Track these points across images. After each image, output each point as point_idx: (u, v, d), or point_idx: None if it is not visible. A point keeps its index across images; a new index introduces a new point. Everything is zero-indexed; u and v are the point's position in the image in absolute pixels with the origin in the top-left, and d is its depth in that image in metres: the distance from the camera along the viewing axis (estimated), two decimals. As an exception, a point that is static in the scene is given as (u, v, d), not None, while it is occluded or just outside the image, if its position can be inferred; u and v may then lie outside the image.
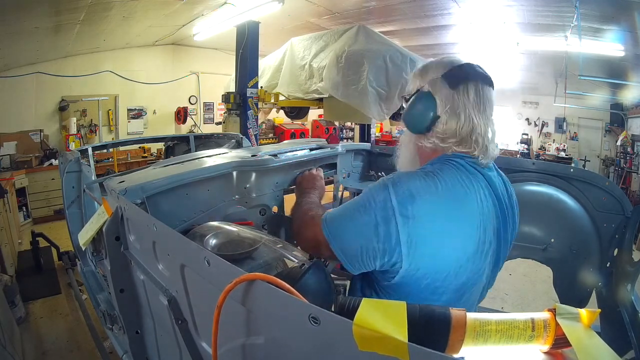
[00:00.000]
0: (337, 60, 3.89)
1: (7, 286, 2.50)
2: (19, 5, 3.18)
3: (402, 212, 0.73)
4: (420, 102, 0.86)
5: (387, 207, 0.75)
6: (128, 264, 1.08)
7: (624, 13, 3.62)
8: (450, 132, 0.83)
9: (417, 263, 0.75)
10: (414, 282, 0.78)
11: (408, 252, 0.74)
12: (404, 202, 0.74)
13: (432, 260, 0.76)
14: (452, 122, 0.82)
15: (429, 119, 0.84)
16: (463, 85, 0.82)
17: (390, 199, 0.75)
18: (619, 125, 7.17)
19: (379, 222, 0.75)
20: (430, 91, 0.85)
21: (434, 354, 0.39)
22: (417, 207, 0.74)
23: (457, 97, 0.82)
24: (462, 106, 0.82)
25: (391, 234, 0.74)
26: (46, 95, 5.49)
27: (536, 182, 1.59)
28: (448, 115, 0.82)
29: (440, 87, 0.84)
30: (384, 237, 0.74)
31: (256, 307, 0.57)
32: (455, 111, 0.82)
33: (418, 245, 0.74)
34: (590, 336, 0.58)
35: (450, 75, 0.83)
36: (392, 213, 0.74)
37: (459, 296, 0.81)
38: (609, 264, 1.41)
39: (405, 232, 0.73)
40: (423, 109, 0.85)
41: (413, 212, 0.73)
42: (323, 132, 8.87)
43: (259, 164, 1.47)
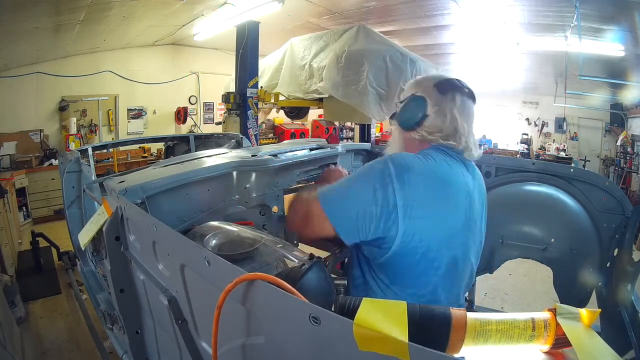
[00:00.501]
0: (337, 60, 3.89)
1: (7, 286, 2.50)
2: (19, 5, 3.18)
3: (399, 179, 0.82)
4: (413, 103, 0.98)
5: (385, 175, 0.83)
6: (128, 264, 1.08)
7: (624, 13, 3.62)
8: (436, 128, 0.95)
9: (412, 228, 0.82)
10: (409, 252, 0.83)
11: (404, 215, 0.81)
12: (400, 170, 0.83)
13: (426, 226, 0.83)
14: (438, 120, 0.95)
15: (419, 117, 0.96)
16: (451, 92, 0.96)
17: (388, 167, 0.84)
18: (619, 125, 7.16)
19: (377, 187, 0.82)
20: (423, 95, 0.97)
21: (435, 354, 0.39)
22: (413, 176, 0.83)
23: (445, 100, 0.95)
24: (449, 108, 0.95)
25: (388, 197, 0.81)
26: (46, 95, 5.49)
27: (536, 182, 1.59)
28: (436, 115, 0.95)
29: (431, 92, 0.97)
30: (381, 201, 0.81)
31: (256, 307, 0.57)
32: (442, 111, 0.95)
33: (413, 209, 0.81)
34: (591, 336, 0.58)
35: (440, 84, 0.97)
36: (389, 180, 0.82)
37: (451, 270, 0.88)
38: (609, 264, 1.41)
39: (401, 196, 0.81)
40: (415, 108, 0.97)
41: (409, 179, 0.83)
42: (323, 132, 8.87)
43: (259, 164, 1.47)
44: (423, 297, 0.86)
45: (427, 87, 0.98)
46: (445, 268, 0.87)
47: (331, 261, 1.23)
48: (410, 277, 0.87)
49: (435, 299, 0.88)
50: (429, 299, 0.87)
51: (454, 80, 0.99)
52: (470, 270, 0.97)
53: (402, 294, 0.87)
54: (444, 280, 0.88)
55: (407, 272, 0.86)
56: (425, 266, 0.85)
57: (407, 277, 0.87)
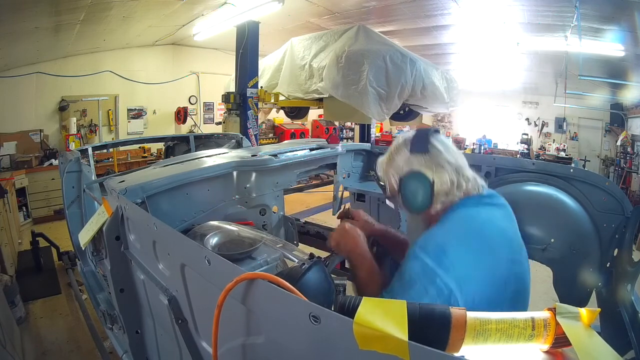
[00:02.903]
0: (337, 60, 3.89)
1: (7, 286, 2.50)
2: (19, 5, 3.18)
3: (440, 266, 0.78)
4: (412, 181, 0.91)
5: (427, 271, 0.79)
6: (128, 264, 1.08)
7: (624, 13, 3.62)
8: (447, 185, 0.90)
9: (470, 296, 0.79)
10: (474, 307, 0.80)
11: (461, 293, 0.78)
12: (438, 257, 0.79)
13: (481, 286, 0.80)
14: (444, 176, 0.90)
15: (429, 188, 0.89)
16: (429, 144, 0.92)
17: (425, 263, 0.80)
18: (619, 125, 7.16)
19: (426, 285, 0.78)
20: (411, 170, 0.91)
21: (435, 353, 0.39)
22: (451, 255, 0.79)
23: (433, 155, 0.91)
24: (442, 158, 0.91)
25: (441, 288, 0.78)
26: (46, 95, 5.49)
27: (536, 182, 1.58)
28: (436, 175, 0.90)
29: (415, 160, 0.92)
30: (437, 294, 0.78)
31: (257, 306, 0.57)
32: (441, 165, 0.90)
33: (466, 284, 0.79)
34: (591, 335, 0.58)
35: (414, 146, 0.92)
36: (433, 273, 0.78)
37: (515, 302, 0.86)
38: (609, 264, 1.41)
39: (451, 280, 0.78)
40: (419, 185, 0.90)
41: (450, 261, 0.79)
42: (323, 132, 8.87)
43: (259, 164, 1.47)
44: None
45: (406, 160, 0.93)
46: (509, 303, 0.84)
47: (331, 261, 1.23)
48: None
49: None
50: None
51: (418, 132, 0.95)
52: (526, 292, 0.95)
53: None
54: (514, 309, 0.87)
55: None
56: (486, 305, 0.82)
57: None
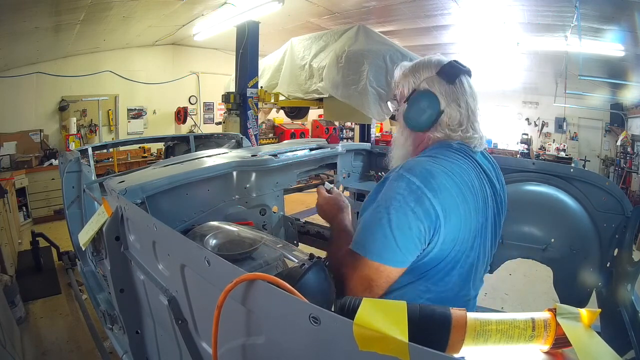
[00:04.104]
0: (337, 60, 3.89)
1: (7, 286, 2.50)
2: (19, 5, 3.18)
3: (429, 187, 0.76)
4: (423, 100, 0.89)
5: (413, 190, 0.77)
6: (128, 264, 1.08)
7: (624, 13, 3.62)
8: (455, 122, 0.88)
9: (450, 233, 0.78)
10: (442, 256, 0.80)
11: (445, 222, 0.77)
12: (426, 179, 0.77)
13: (460, 229, 0.79)
14: (455, 113, 0.88)
15: (435, 115, 0.88)
16: (457, 79, 0.89)
17: (411, 181, 0.77)
18: (619, 125, 7.16)
19: (413, 205, 0.76)
20: (429, 89, 0.89)
21: (435, 354, 0.39)
22: (439, 181, 0.78)
23: (455, 90, 0.88)
24: (462, 97, 0.88)
25: (428, 209, 0.75)
26: (46, 95, 5.49)
27: (536, 182, 1.58)
28: (451, 109, 0.88)
29: (437, 83, 0.89)
30: (424, 216, 0.75)
31: (256, 307, 0.57)
32: (458, 103, 0.88)
33: (450, 213, 0.77)
34: (591, 336, 0.58)
35: (444, 71, 0.89)
36: (420, 192, 0.76)
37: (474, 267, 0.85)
38: (609, 264, 1.41)
39: (438, 203, 0.76)
40: (427, 106, 0.89)
41: (437, 184, 0.77)
42: (323, 132, 8.87)
43: (259, 164, 1.47)
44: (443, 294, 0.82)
45: (429, 78, 0.89)
46: (468, 267, 0.83)
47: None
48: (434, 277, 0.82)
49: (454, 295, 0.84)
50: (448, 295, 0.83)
51: (454, 62, 0.90)
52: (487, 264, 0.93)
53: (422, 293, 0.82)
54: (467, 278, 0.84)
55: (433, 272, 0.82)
56: (451, 267, 0.81)
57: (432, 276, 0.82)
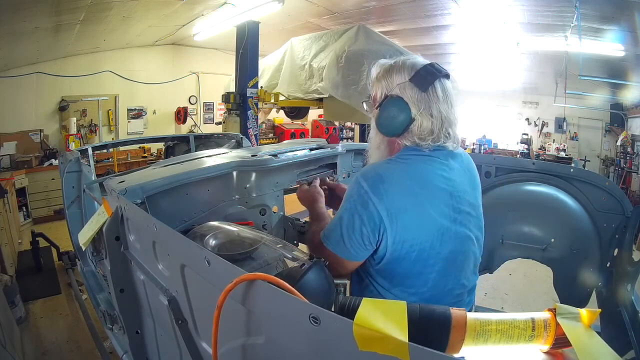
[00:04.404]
0: (337, 60, 3.89)
1: (7, 286, 2.50)
2: (19, 5, 3.18)
3: (375, 192, 0.83)
4: (394, 107, 0.89)
5: (361, 194, 0.84)
6: (128, 264, 1.08)
7: (624, 13, 3.62)
8: (426, 131, 0.88)
9: (400, 235, 0.83)
10: (403, 257, 0.84)
11: (390, 225, 0.82)
12: (374, 184, 0.83)
13: (413, 229, 0.83)
14: (426, 121, 0.88)
15: (406, 123, 0.88)
16: (431, 86, 0.87)
17: (362, 186, 0.84)
18: (619, 125, 7.17)
19: (359, 209, 0.84)
20: (401, 96, 0.89)
21: (435, 354, 0.39)
22: (388, 185, 0.83)
23: (427, 98, 0.87)
24: (434, 105, 0.87)
25: (372, 213, 0.83)
26: (46, 95, 5.48)
27: (536, 182, 1.58)
28: (422, 116, 0.87)
29: (409, 91, 0.88)
30: (367, 219, 0.83)
31: (256, 307, 0.57)
32: (428, 111, 0.87)
33: (398, 216, 0.82)
34: (591, 336, 0.58)
35: (417, 78, 0.88)
36: (367, 197, 0.83)
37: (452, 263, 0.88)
38: (609, 264, 1.41)
39: (383, 208, 0.82)
40: (397, 114, 0.88)
41: (385, 189, 0.83)
42: (323, 132, 8.86)
43: (259, 164, 1.47)
44: (425, 294, 0.87)
45: (402, 84, 0.88)
46: (442, 263, 0.86)
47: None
48: (408, 279, 0.87)
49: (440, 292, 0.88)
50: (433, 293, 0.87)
51: (428, 67, 0.89)
52: (474, 258, 0.94)
53: (402, 295, 0.88)
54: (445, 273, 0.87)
55: (404, 275, 0.87)
56: (422, 266, 0.85)
57: (405, 279, 0.87)
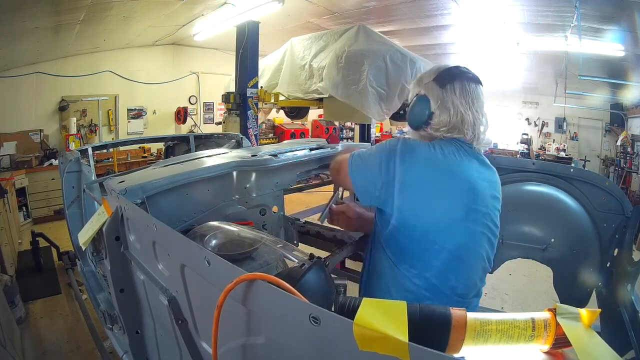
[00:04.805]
0: (337, 60, 3.89)
1: (7, 286, 2.50)
2: (19, 5, 3.18)
3: (402, 156, 0.94)
4: (418, 104, 1.04)
5: (392, 150, 0.96)
6: (128, 264, 1.08)
7: (624, 13, 3.62)
8: (443, 123, 0.99)
9: (407, 205, 0.92)
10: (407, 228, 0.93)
11: (399, 189, 0.92)
12: (405, 149, 0.95)
13: (421, 207, 0.91)
14: (444, 115, 0.98)
15: (426, 116, 1.01)
16: (449, 84, 0.98)
17: (397, 144, 0.97)
18: (619, 125, 7.17)
19: (383, 159, 0.96)
20: (425, 93, 1.02)
21: (435, 354, 0.39)
22: (414, 158, 0.93)
23: (445, 94, 0.98)
24: (450, 101, 0.98)
25: (389, 168, 0.94)
26: (46, 95, 5.48)
27: (536, 182, 1.58)
28: (440, 110, 0.99)
29: (431, 88, 1.01)
30: (385, 170, 0.95)
31: (256, 307, 0.57)
32: (445, 105, 0.98)
33: (408, 186, 0.91)
34: (591, 336, 0.58)
35: (438, 77, 1.01)
36: (394, 154, 0.95)
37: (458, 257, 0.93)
38: (609, 264, 1.41)
39: (400, 171, 0.92)
40: (420, 109, 1.02)
41: (410, 159, 0.93)
42: (323, 132, 8.87)
43: (259, 164, 1.47)
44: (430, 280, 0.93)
45: (427, 83, 1.02)
46: (448, 254, 0.92)
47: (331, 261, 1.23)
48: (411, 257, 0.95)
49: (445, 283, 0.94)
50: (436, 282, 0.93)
51: (453, 68, 1.01)
52: (482, 261, 0.99)
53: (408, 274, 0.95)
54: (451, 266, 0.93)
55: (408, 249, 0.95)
56: (426, 247, 0.92)
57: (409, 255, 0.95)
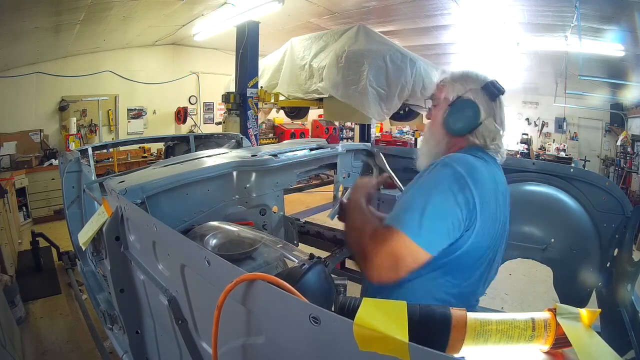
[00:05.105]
0: (337, 60, 3.89)
1: (7, 286, 2.50)
2: (19, 5, 3.18)
3: (472, 179, 0.83)
4: (467, 109, 0.98)
5: (458, 178, 0.83)
6: (128, 264, 1.08)
7: (624, 13, 3.62)
8: (492, 135, 0.97)
9: (483, 227, 0.85)
10: (474, 250, 0.86)
11: (480, 214, 0.83)
12: (470, 170, 0.85)
13: (491, 223, 0.87)
14: (492, 127, 0.97)
15: (475, 124, 0.97)
16: (498, 98, 0.99)
17: (457, 170, 0.84)
18: (619, 125, 7.16)
19: (456, 191, 0.82)
20: (473, 100, 0.97)
21: (435, 354, 0.39)
22: (480, 174, 0.86)
23: (496, 107, 0.98)
24: (499, 115, 0.98)
25: (468, 198, 0.82)
26: (46, 95, 5.48)
27: (536, 182, 1.58)
28: (489, 122, 0.97)
29: (480, 97, 0.97)
30: (464, 204, 0.82)
31: (256, 307, 0.57)
32: (494, 118, 0.98)
33: (485, 207, 0.84)
34: (591, 336, 0.58)
35: (488, 88, 0.98)
36: (464, 181, 0.83)
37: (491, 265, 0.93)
38: (609, 264, 1.41)
39: (477, 194, 0.83)
40: (469, 115, 0.97)
41: (478, 177, 0.85)
42: (323, 132, 8.86)
43: (259, 164, 1.47)
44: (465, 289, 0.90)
45: (474, 90, 0.98)
46: (487, 262, 0.92)
47: (331, 261, 1.23)
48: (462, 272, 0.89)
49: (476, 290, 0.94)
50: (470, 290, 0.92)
51: (495, 81, 1.00)
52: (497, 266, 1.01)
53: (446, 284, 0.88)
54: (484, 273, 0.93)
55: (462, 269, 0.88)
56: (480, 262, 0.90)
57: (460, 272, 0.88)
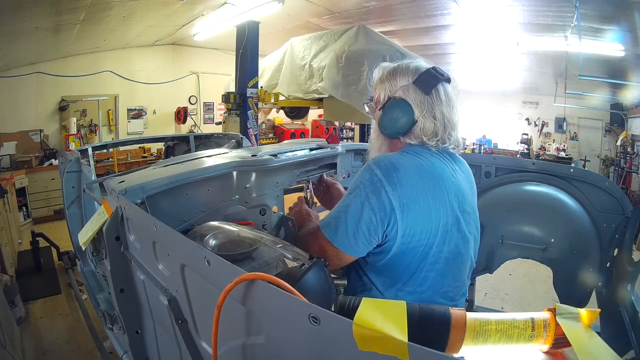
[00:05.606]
0: (337, 60, 3.89)
1: (7, 286, 2.50)
2: (19, 5, 3.18)
3: (388, 181, 0.81)
4: (397, 109, 0.90)
5: (374, 182, 0.82)
6: (128, 264, 1.08)
7: (624, 13, 3.62)
8: (430, 132, 0.90)
9: (411, 227, 0.81)
10: (409, 251, 0.83)
11: (402, 215, 0.81)
12: (388, 172, 0.82)
13: (423, 222, 0.82)
14: (428, 123, 0.89)
15: (409, 124, 0.90)
16: (434, 89, 0.89)
17: (375, 174, 0.83)
18: (619, 125, 7.16)
19: (370, 196, 0.82)
20: (404, 98, 0.90)
21: (434, 354, 0.39)
22: (402, 174, 0.82)
23: (430, 100, 0.89)
24: (437, 108, 0.89)
25: (384, 202, 0.81)
26: (46, 95, 5.48)
27: (536, 182, 1.58)
28: (425, 119, 0.89)
29: (412, 93, 0.90)
30: (378, 208, 0.81)
31: (256, 307, 0.57)
32: (431, 114, 0.89)
33: (410, 207, 0.81)
34: (590, 336, 0.58)
35: (420, 81, 0.89)
36: (380, 185, 0.81)
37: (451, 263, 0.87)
38: (609, 264, 1.41)
39: (395, 197, 0.80)
40: (401, 115, 0.90)
41: (398, 178, 0.81)
42: (323, 132, 8.86)
43: (259, 164, 1.47)
44: (423, 293, 0.86)
45: (405, 87, 0.90)
46: (443, 263, 0.86)
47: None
48: (407, 276, 0.86)
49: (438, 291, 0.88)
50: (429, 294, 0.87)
51: (431, 70, 0.90)
52: (470, 260, 0.95)
53: (399, 294, 0.87)
54: (445, 273, 0.87)
55: (405, 271, 0.86)
56: (425, 263, 0.85)
57: (404, 276, 0.86)
